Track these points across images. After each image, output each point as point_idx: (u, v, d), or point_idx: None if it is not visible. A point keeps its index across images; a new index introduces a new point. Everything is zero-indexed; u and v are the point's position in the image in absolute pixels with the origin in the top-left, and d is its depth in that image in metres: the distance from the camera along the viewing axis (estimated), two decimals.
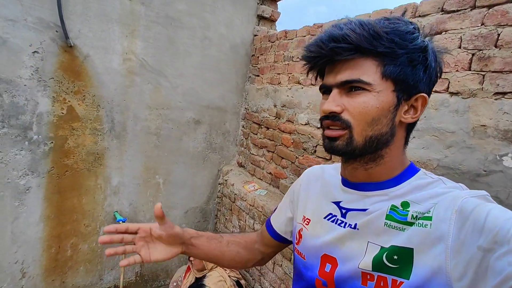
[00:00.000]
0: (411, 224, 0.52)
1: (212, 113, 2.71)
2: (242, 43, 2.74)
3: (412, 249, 0.50)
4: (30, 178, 2.00)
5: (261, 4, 2.76)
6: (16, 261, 2.04)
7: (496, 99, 1.16)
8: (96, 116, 2.17)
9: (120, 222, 2.26)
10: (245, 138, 2.82)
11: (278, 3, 2.89)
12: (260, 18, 2.80)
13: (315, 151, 2.01)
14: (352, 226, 0.58)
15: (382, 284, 0.52)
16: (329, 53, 0.53)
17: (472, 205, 0.46)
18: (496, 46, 1.16)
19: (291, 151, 2.21)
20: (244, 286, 1.86)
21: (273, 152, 2.42)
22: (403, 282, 0.50)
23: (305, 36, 2.13)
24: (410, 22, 0.55)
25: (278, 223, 0.82)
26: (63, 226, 2.19)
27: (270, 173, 2.45)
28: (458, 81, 1.27)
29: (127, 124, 2.32)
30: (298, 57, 2.17)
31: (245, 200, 2.44)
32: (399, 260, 0.51)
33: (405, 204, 0.54)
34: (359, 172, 0.59)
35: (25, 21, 1.85)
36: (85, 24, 2.02)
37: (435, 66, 0.56)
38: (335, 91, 0.55)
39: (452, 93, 1.29)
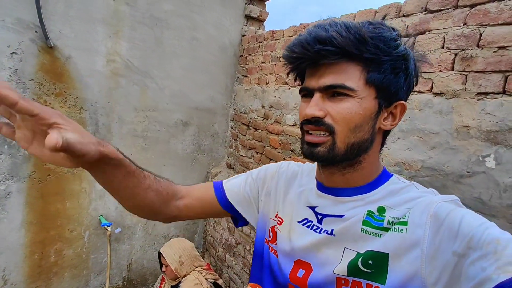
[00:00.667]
0: (387, 229, 0.52)
1: (201, 114, 2.68)
2: (231, 43, 2.71)
3: (387, 254, 0.50)
4: (10, 183, 1.94)
5: (249, 4, 2.73)
6: None
7: (478, 100, 1.15)
8: (79, 118, 2.12)
9: (105, 226, 2.21)
10: (234, 140, 2.79)
11: (266, 3, 2.86)
12: (248, 18, 2.77)
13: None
14: (329, 232, 0.57)
15: None
16: (314, 56, 0.51)
17: (446, 210, 0.47)
18: (478, 46, 1.14)
19: (279, 152, 2.19)
20: (222, 286, 1.81)
21: (262, 153, 2.39)
22: (378, 287, 0.50)
23: (291, 36, 2.10)
24: (393, 29, 0.54)
25: (233, 195, 0.74)
26: (47, 231, 2.13)
27: None
28: (442, 82, 1.26)
29: (112, 126, 2.27)
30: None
31: None
32: (374, 265, 0.51)
33: (381, 210, 0.54)
34: (336, 177, 0.59)
35: (3, 22, 1.79)
36: (67, 24, 1.97)
37: (414, 74, 0.56)
38: (317, 95, 0.54)
39: (435, 94, 1.28)
